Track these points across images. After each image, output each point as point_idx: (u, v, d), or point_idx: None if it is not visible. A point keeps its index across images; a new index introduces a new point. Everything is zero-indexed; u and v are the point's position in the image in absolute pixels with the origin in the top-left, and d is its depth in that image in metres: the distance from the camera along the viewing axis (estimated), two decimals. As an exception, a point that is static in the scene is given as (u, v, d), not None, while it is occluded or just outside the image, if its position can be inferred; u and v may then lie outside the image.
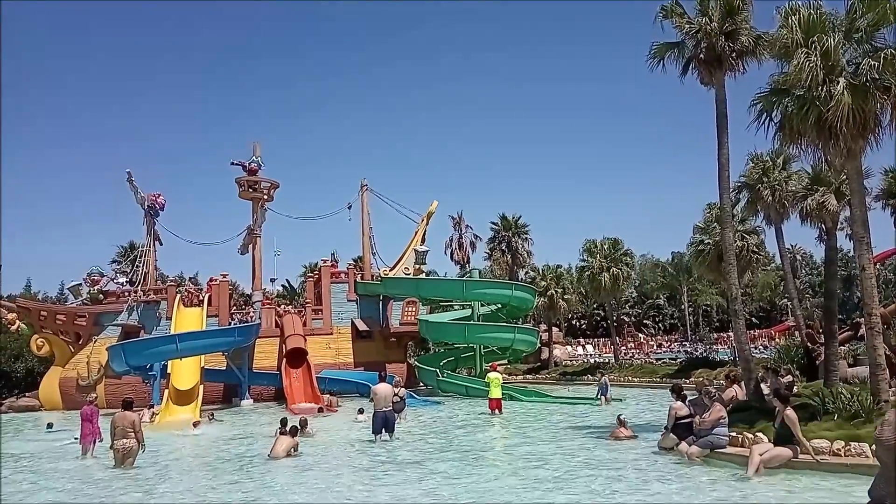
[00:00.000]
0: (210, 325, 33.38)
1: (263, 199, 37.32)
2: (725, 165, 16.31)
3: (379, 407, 16.75)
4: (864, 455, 10.46)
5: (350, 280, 37.89)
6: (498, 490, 10.45)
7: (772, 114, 13.28)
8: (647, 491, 9.93)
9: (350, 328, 36.73)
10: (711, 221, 28.05)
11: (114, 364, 28.98)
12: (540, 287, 40.84)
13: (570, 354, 49.11)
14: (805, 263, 71.11)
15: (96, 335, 34.32)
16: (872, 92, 11.99)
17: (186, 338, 29.42)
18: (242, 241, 38.06)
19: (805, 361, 23.68)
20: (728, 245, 16.79)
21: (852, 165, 13.17)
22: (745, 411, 13.62)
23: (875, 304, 13.06)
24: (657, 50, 17.15)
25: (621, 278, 37.81)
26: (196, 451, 17.45)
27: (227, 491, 11.36)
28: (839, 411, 11.88)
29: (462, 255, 59.59)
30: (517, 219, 49.80)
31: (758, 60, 16.32)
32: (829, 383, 16.18)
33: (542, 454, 13.84)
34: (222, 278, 36.50)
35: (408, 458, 14.16)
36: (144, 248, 37.98)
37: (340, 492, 11.11)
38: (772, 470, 10.53)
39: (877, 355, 12.66)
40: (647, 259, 73.43)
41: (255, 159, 36.94)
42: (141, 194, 36.86)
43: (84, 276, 36.66)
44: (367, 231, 40.00)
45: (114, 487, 12.11)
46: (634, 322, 70.00)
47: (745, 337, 16.80)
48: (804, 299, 52.08)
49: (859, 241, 13.17)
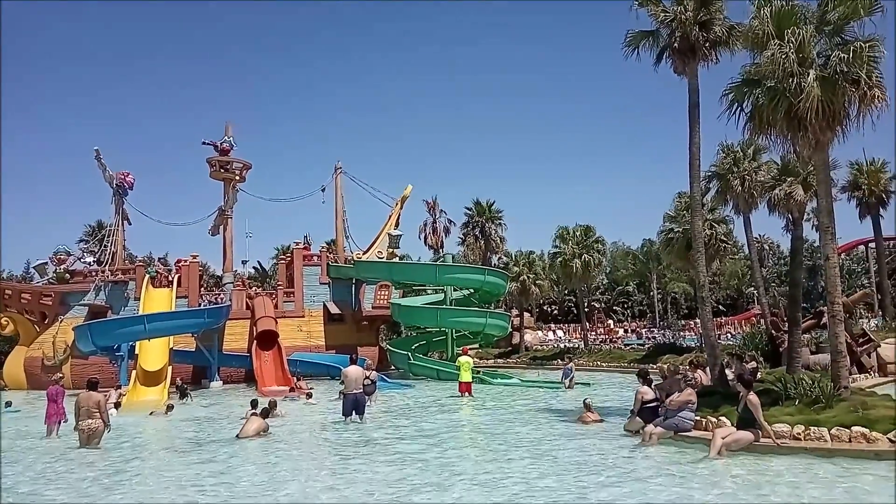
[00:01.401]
0: (179, 306, 33.06)
1: (235, 180, 36.96)
2: (696, 155, 16.49)
3: (349, 389, 16.75)
4: (822, 439, 10.75)
5: (323, 263, 37.74)
6: (465, 471, 10.54)
7: (743, 104, 13.43)
8: (610, 472, 10.08)
9: (322, 311, 36.62)
10: (682, 210, 28.42)
11: (80, 344, 28.59)
12: (512, 272, 41.12)
13: (541, 339, 49.54)
14: (772, 253, 72.37)
15: (62, 315, 33.83)
16: (841, 84, 12.19)
17: (155, 318, 29.14)
18: (213, 222, 37.68)
19: (769, 348, 24.20)
20: (697, 233, 17.03)
21: (820, 157, 13.40)
22: (709, 396, 13.86)
23: (838, 293, 13.36)
24: (632, 38, 17.25)
25: (593, 265, 38.15)
26: (164, 433, 17.32)
27: (194, 471, 11.30)
28: (800, 397, 12.16)
29: (436, 239, 59.73)
30: (491, 204, 50.00)
31: (731, 51, 16.52)
32: (792, 370, 16.58)
33: (510, 436, 13.98)
34: (192, 259, 36.09)
35: (377, 439, 14.21)
36: (112, 227, 37.40)
37: (309, 472, 11.13)
38: (734, 453, 10.77)
39: (838, 343, 12.98)
40: (618, 246, 74.18)
41: (227, 139, 36.54)
42: (109, 173, 36.22)
43: (50, 255, 36.04)
44: (341, 214, 39.87)
45: (77, 469, 11.97)
46: (605, 308, 70.75)
47: (711, 324, 17.10)
48: (770, 288, 53.10)
49: (824, 231, 13.44)
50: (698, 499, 8.43)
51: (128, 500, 9.44)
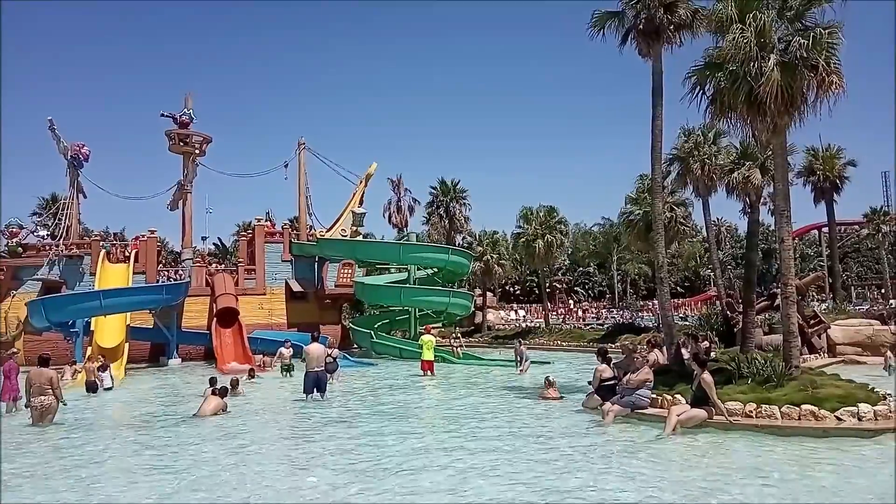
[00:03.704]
0: (137, 282, 32.40)
1: (195, 154, 36.17)
2: (658, 137, 16.66)
3: (311, 367, 16.67)
4: (773, 417, 11.07)
5: (285, 240, 37.28)
6: (426, 448, 10.60)
7: (705, 87, 13.57)
8: (566, 448, 10.25)
9: (284, 289, 36.26)
10: (643, 192, 28.76)
11: (34, 320, 27.86)
12: (476, 252, 41.22)
13: (504, 319, 49.95)
14: (729, 236, 73.97)
15: (15, 290, 32.86)
16: (801, 70, 12.39)
17: (111, 294, 28.51)
18: (172, 197, 36.86)
19: (724, 329, 24.76)
20: (657, 215, 17.27)
21: (778, 141, 13.65)
22: (665, 374, 14.14)
23: (792, 275, 13.70)
24: (598, 19, 17.28)
25: (555, 246, 38.46)
26: (120, 410, 17.03)
27: (148, 449, 11.15)
28: (753, 376, 12.48)
29: (400, 218, 59.55)
30: (456, 184, 49.92)
31: (694, 34, 16.65)
32: (745, 349, 17.00)
33: (470, 413, 14.10)
34: (150, 234, 35.30)
35: (337, 417, 14.19)
36: (67, 200, 36.30)
37: (267, 449, 11.08)
38: (688, 430, 11.03)
39: (790, 324, 13.33)
40: (580, 227, 74.95)
41: (186, 112, 35.67)
42: (63, 144, 35.05)
43: (2, 227, 34.89)
44: (304, 191, 39.29)
45: (27, 446, 11.72)
46: (566, 289, 71.55)
47: (669, 304, 17.43)
48: (726, 270, 54.24)
49: (780, 215, 13.73)
50: (651, 475, 8.61)
51: (73, 482, 9.26)
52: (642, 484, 8.12)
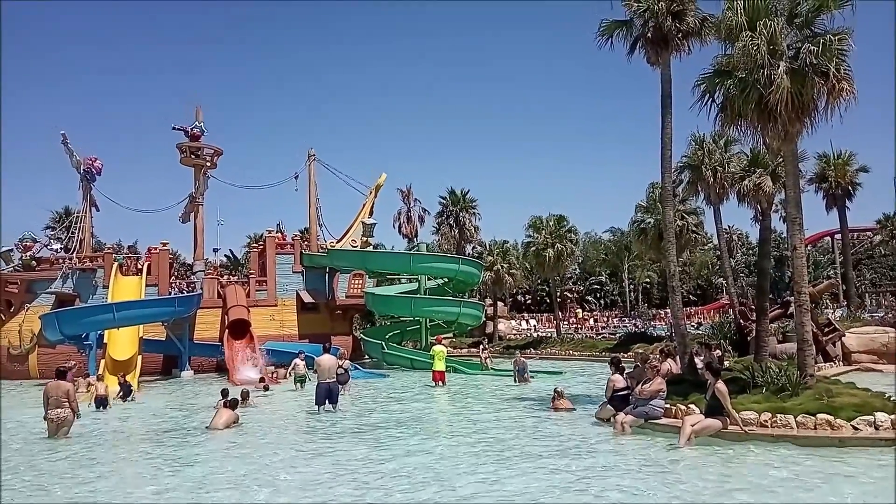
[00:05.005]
0: (149, 294, 32.59)
1: (206, 167, 36.39)
2: (668, 145, 16.63)
3: (323, 378, 16.70)
4: (789, 426, 10.95)
5: (296, 251, 37.41)
6: (438, 459, 10.56)
7: (714, 95, 13.52)
8: (582, 459, 10.18)
9: (295, 300, 36.35)
10: (654, 200, 28.67)
11: (47, 333, 28.06)
12: (486, 262, 41.20)
13: (515, 328, 49.83)
14: (741, 244, 73.49)
15: (29, 303, 33.11)
16: (811, 77, 12.32)
17: (124, 307, 28.67)
18: (184, 209, 37.08)
19: (737, 337, 24.55)
20: (668, 223, 17.22)
21: (788, 148, 13.57)
22: (678, 384, 14.02)
23: (805, 283, 13.57)
24: (606, 27, 17.32)
25: (565, 255, 38.35)
26: (133, 423, 17.09)
27: (161, 461, 11.18)
28: (767, 385, 12.34)
29: (410, 228, 59.61)
30: (465, 193, 49.94)
31: (702, 42, 16.64)
32: (759, 358, 16.84)
33: (482, 424, 14.03)
34: (162, 247, 35.53)
35: (350, 428, 14.17)
36: (80, 213, 36.62)
37: (281, 461, 11.07)
38: (702, 440, 10.92)
39: (804, 332, 13.20)
40: (590, 236, 74.81)
41: (197, 124, 35.91)
42: (76, 158, 35.42)
43: (16, 241, 35.19)
44: (314, 202, 39.42)
45: (45, 457, 11.78)
46: (578, 298, 71.35)
47: (681, 313, 17.32)
48: (738, 278, 53.94)
49: (792, 222, 13.63)
50: (668, 487, 8.54)
51: (89, 493, 9.30)
52: (656, 495, 8.04)
